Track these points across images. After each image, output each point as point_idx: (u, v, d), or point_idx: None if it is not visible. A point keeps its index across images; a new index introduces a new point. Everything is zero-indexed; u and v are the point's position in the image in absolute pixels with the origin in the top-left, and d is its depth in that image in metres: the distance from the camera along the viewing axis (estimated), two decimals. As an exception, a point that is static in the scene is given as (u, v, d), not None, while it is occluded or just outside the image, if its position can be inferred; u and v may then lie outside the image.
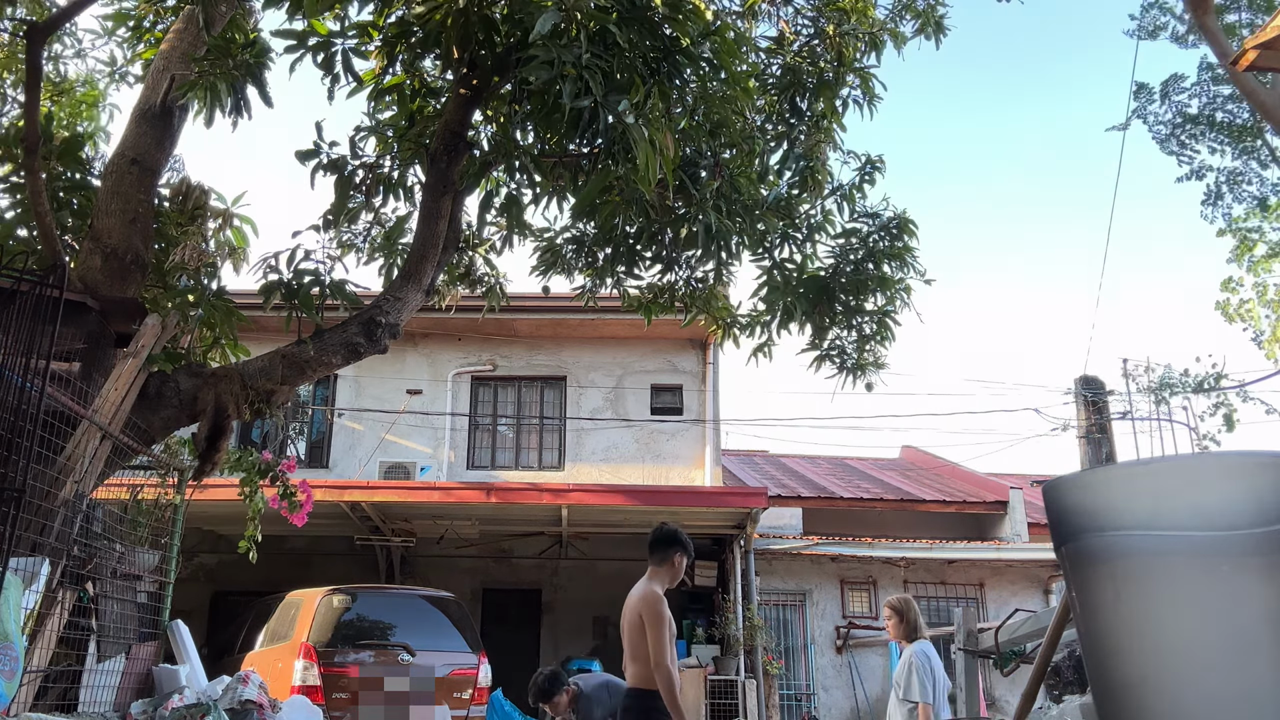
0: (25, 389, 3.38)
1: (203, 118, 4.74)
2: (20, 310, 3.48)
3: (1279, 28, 4.04)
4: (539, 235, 5.87)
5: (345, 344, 4.55)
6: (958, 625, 5.92)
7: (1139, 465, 2.36)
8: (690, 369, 13.51)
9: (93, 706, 4.18)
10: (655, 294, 6.19)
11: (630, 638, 4.54)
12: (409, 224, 5.48)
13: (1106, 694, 1.90)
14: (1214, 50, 8.58)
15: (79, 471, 3.81)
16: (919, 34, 6.13)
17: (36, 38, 4.22)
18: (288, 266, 4.67)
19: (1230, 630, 1.73)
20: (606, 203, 4.69)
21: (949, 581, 12.58)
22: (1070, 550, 1.98)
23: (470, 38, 4.03)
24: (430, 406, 13.13)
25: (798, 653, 12.19)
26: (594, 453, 13.13)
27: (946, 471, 15.86)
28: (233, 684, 4.49)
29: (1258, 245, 14.15)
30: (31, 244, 4.67)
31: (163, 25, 5.71)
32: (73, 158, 5.00)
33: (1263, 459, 1.80)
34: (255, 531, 6.01)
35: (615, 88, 3.68)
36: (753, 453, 17.68)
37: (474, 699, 7.72)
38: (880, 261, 5.66)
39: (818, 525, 12.84)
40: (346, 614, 7.71)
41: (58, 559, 3.76)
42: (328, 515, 10.76)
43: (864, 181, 5.85)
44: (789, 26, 5.96)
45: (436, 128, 4.66)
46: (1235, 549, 1.72)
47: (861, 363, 5.91)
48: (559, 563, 12.84)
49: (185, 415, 4.40)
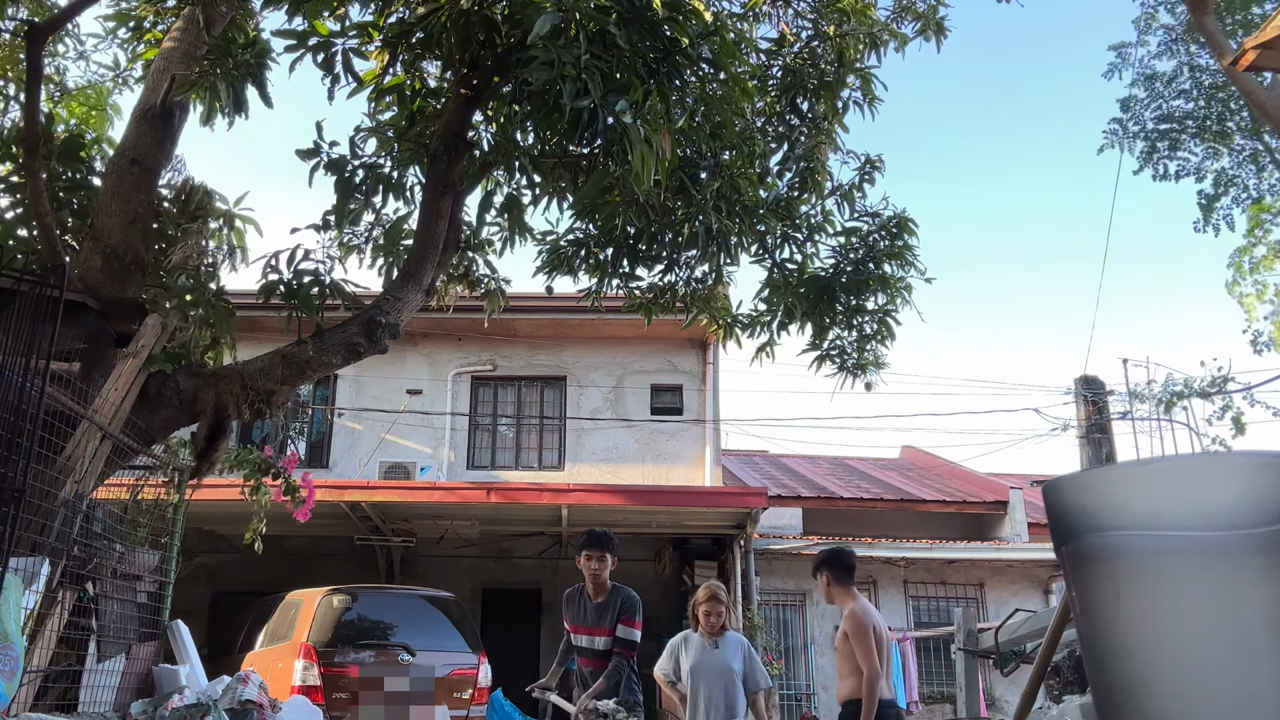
0: (25, 389, 3.38)
1: (203, 117, 4.75)
2: (20, 310, 3.48)
3: (1279, 28, 4.04)
4: (541, 237, 5.87)
5: (345, 344, 4.55)
6: (958, 625, 5.93)
7: (1139, 465, 2.37)
8: (690, 369, 13.51)
9: (93, 706, 4.18)
10: (655, 294, 6.19)
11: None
12: (409, 224, 5.48)
13: (1106, 694, 1.90)
14: (1212, 51, 8.58)
15: (79, 471, 3.81)
16: (919, 34, 6.13)
17: (37, 38, 4.22)
18: (288, 266, 4.68)
19: (1230, 630, 1.73)
20: (606, 203, 4.69)
21: (949, 581, 12.59)
22: (1070, 550, 1.99)
23: (470, 38, 4.03)
24: (430, 406, 13.13)
25: (798, 653, 12.20)
26: (594, 453, 13.13)
27: (946, 471, 15.86)
28: (233, 684, 4.49)
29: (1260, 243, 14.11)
30: (31, 244, 4.67)
31: (163, 26, 5.71)
32: (73, 158, 5.00)
33: (1263, 459, 1.80)
34: (260, 525, 6.09)
35: (615, 88, 3.68)
36: (753, 453, 17.68)
37: (474, 699, 7.72)
38: (880, 261, 5.66)
39: (818, 525, 12.84)
40: (346, 614, 7.71)
41: (58, 559, 3.76)
42: (328, 515, 10.76)
43: (864, 181, 5.85)
44: (789, 28, 5.96)
45: (437, 128, 4.66)
46: (1235, 549, 1.72)
47: (862, 362, 5.92)
48: (559, 563, 12.83)
49: (185, 415, 4.40)
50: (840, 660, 4.80)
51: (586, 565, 5.07)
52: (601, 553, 5.05)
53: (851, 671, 4.67)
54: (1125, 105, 13.06)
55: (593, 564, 5.03)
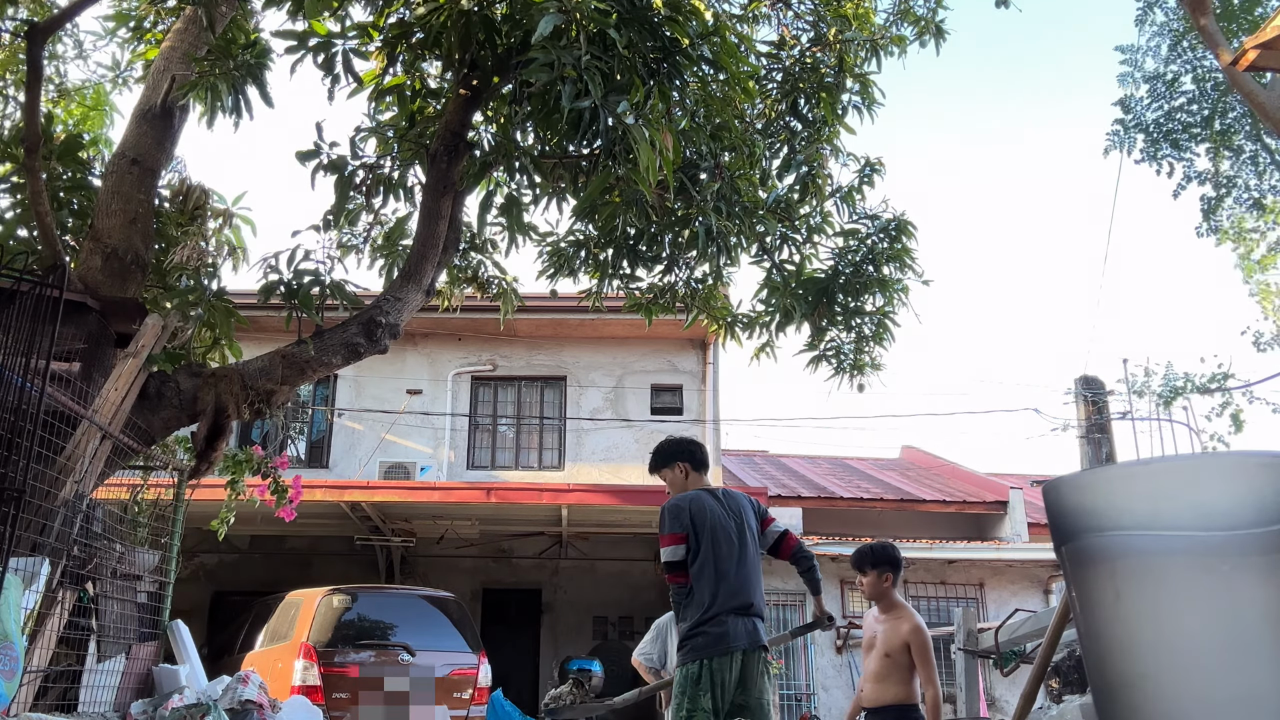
0: (25, 389, 3.38)
1: (202, 117, 4.75)
2: (20, 310, 3.49)
3: (1279, 28, 4.04)
4: (543, 238, 5.88)
5: (345, 344, 4.55)
6: (958, 625, 5.93)
7: (1139, 465, 2.37)
8: (690, 369, 13.51)
9: (93, 706, 4.18)
10: (655, 294, 6.20)
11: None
12: (409, 224, 5.48)
13: (1106, 693, 1.90)
14: (1212, 51, 8.58)
15: (79, 471, 3.81)
16: (919, 38, 6.14)
17: (37, 38, 4.22)
18: (288, 266, 4.67)
19: (1230, 630, 1.73)
20: (607, 204, 4.69)
21: (949, 581, 12.58)
22: (1070, 550, 1.99)
23: (471, 39, 4.03)
24: (430, 406, 13.13)
25: (798, 653, 12.19)
26: (594, 453, 13.13)
27: (946, 471, 15.86)
28: (233, 684, 4.49)
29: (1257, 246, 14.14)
30: (31, 244, 4.67)
31: (163, 26, 5.71)
32: (73, 158, 5.01)
33: (1263, 459, 1.81)
34: (229, 515, 6.21)
35: (615, 89, 3.69)
36: (753, 453, 17.68)
37: (474, 699, 7.72)
38: (879, 263, 5.66)
39: (818, 525, 12.83)
40: (346, 614, 7.71)
41: (58, 559, 3.76)
42: (328, 515, 10.77)
43: (863, 183, 5.86)
44: (789, 31, 5.97)
45: (437, 128, 4.66)
46: (1235, 549, 1.72)
47: (859, 363, 5.92)
48: (559, 563, 12.83)
49: (185, 415, 4.40)
50: (884, 664, 4.57)
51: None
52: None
53: (901, 680, 4.53)
54: (1125, 106, 13.06)
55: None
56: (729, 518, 3.98)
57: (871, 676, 4.65)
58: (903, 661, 4.53)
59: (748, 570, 3.92)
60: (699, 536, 3.88)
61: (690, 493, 4.04)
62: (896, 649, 4.53)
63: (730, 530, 3.94)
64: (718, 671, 3.71)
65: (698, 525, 3.90)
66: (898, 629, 4.55)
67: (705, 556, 3.86)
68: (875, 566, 4.66)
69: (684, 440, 4.30)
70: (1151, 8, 12.89)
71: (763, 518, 4.21)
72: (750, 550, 3.98)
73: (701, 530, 3.89)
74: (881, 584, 4.66)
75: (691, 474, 4.15)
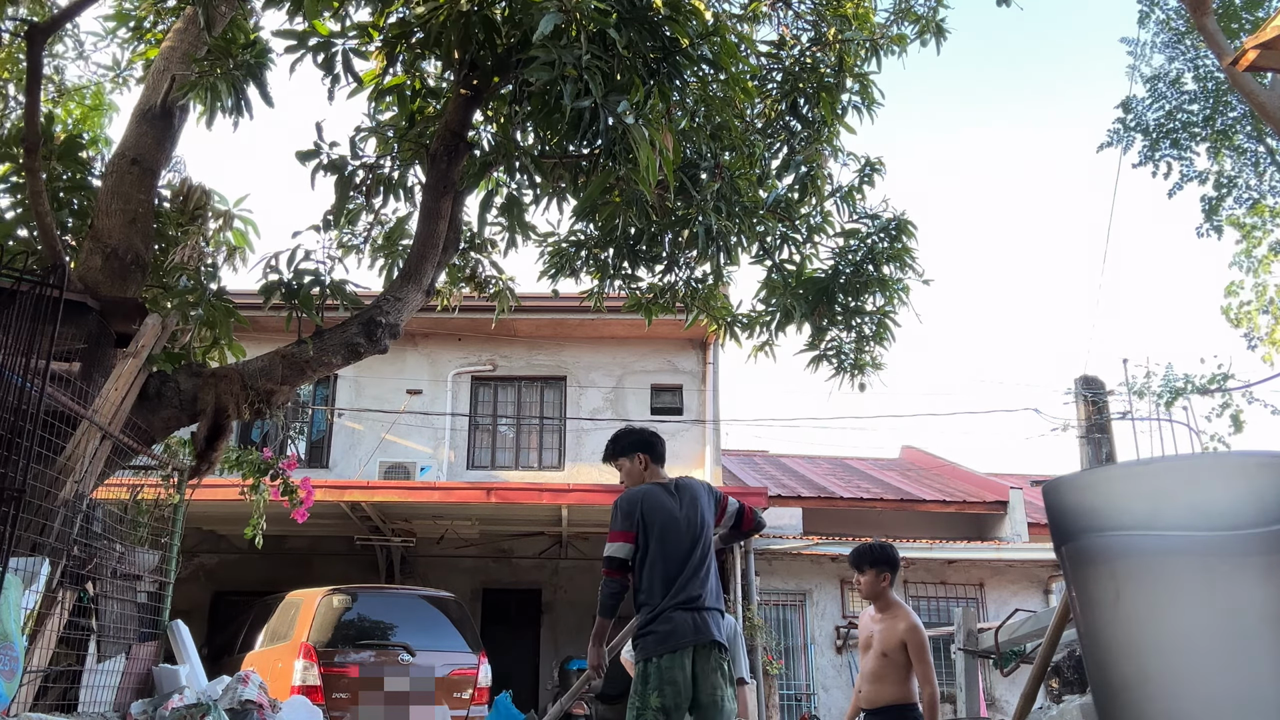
0: (25, 389, 3.38)
1: (202, 117, 4.75)
2: (20, 310, 3.49)
3: (1279, 28, 4.04)
4: (543, 239, 5.88)
5: (345, 344, 4.55)
6: (958, 625, 5.94)
7: (1139, 465, 2.37)
8: (690, 369, 13.51)
9: (93, 706, 4.18)
10: (656, 294, 6.20)
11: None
12: (409, 224, 5.48)
13: (1106, 693, 1.90)
14: (1212, 51, 8.58)
15: (79, 471, 3.81)
16: (919, 37, 6.13)
17: (37, 38, 4.22)
18: (288, 266, 4.68)
19: (1230, 630, 1.73)
20: (607, 204, 4.69)
21: (949, 581, 12.58)
22: (1070, 550, 1.99)
23: (471, 38, 4.03)
24: (430, 406, 13.13)
25: (798, 653, 12.19)
26: (594, 453, 13.12)
27: (946, 471, 15.86)
28: (233, 684, 4.50)
29: (1261, 243, 14.09)
30: (31, 244, 4.67)
31: (163, 25, 5.71)
32: (73, 158, 5.00)
33: (1263, 459, 1.81)
34: (260, 521, 6.20)
35: (615, 88, 3.69)
36: (753, 453, 17.68)
37: (474, 699, 7.72)
38: (880, 263, 5.66)
39: (818, 525, 12.84)
40: (346, 614, 7.72)
41: (58, 559, 3.76)
42: (328, 515, 10.76)
43: (863, 183, 5.86)
44: (789, 31, 5.97)
45: (437, 128, 4.66)
46: (1235, 549, 1.72)
47: (860, 363, 5.92)
48: (559, 563, 12.84)
49: (185, 415, 4.41)
50: (880, 664, 4.57)
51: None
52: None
53: (898, 680, 4.53)
54: (1125, 106, 13.05)
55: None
56: (681, 511, 3.95)
57: (868, 676, 4.65)
58: (899, 661, 4.53)
59: (696, 565, 3.88)
60: (649, 534, 3.86)
61: (644, 486, 4.02)
62: (893, 648, 4.54)
63: (680, 526, 3.91)
64: (667, 670, 3.67)
65: (648, 522, 3.88)
66: (894, 628, 4.56)
67: (654, 555, 3.84)
68: (873, 566, 4.68)
69: (644, 431, 4.29)
70: (1153, 6, 12.87)
71: (719, 502, 4.18)
72: (702, 544, 3.95)
73: (652, 528, 3.87)
74: (879, 584, 4.66)
75: (650, 466, 4.13)
